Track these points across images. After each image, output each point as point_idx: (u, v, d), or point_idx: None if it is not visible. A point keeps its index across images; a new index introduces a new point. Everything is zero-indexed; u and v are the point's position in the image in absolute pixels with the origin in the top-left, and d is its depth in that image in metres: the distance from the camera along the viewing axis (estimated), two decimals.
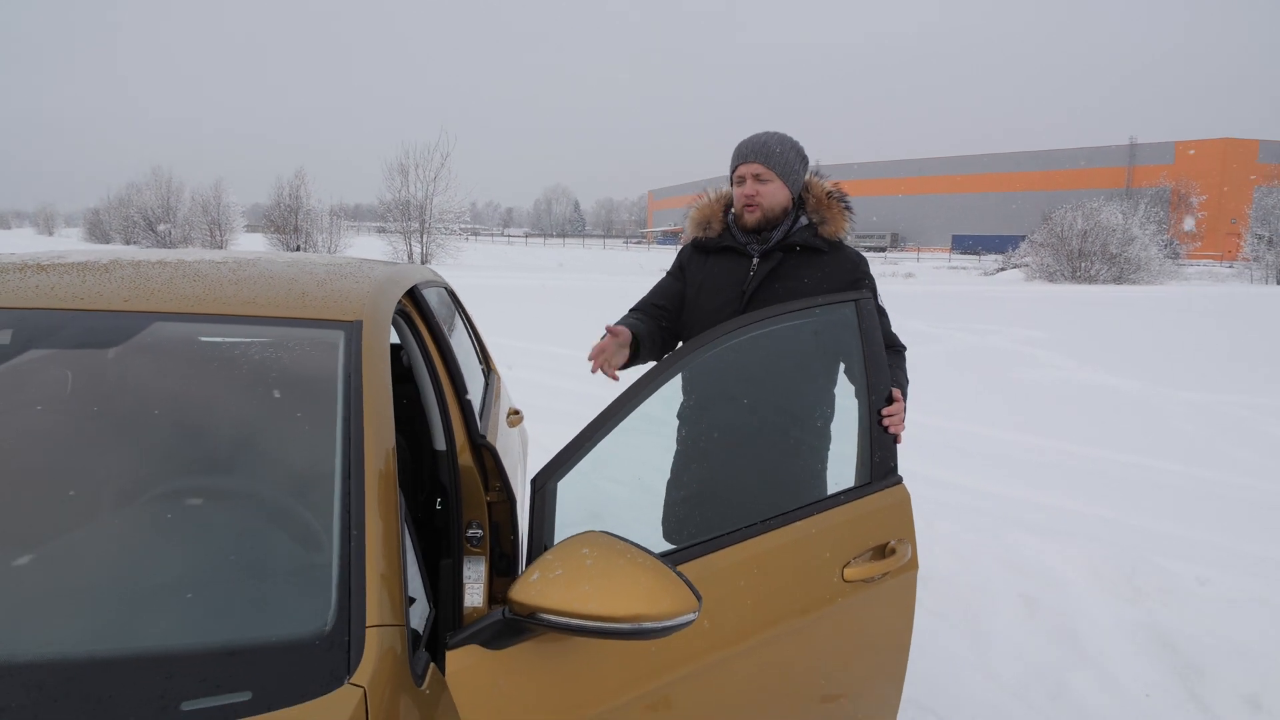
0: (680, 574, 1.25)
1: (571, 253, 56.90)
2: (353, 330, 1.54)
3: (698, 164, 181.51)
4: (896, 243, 75.31)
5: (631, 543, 1.29)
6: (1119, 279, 31.10)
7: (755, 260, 2.36)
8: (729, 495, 2.05)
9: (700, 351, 1.76)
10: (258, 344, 1.58)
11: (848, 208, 2.42)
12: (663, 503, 2.33)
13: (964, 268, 44.24)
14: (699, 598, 1.23)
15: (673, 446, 2.32)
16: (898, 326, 2.44)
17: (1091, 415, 7.21)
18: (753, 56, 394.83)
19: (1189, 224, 51.20)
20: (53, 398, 1.56)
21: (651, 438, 2.07)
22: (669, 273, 2.55)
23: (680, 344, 2.43)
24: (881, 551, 1.84)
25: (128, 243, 42.95)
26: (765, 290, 2.32)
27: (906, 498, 1.92)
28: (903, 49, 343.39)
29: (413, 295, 2.04)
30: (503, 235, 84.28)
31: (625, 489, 2.18)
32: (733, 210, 2.41)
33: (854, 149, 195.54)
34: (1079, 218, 31.80)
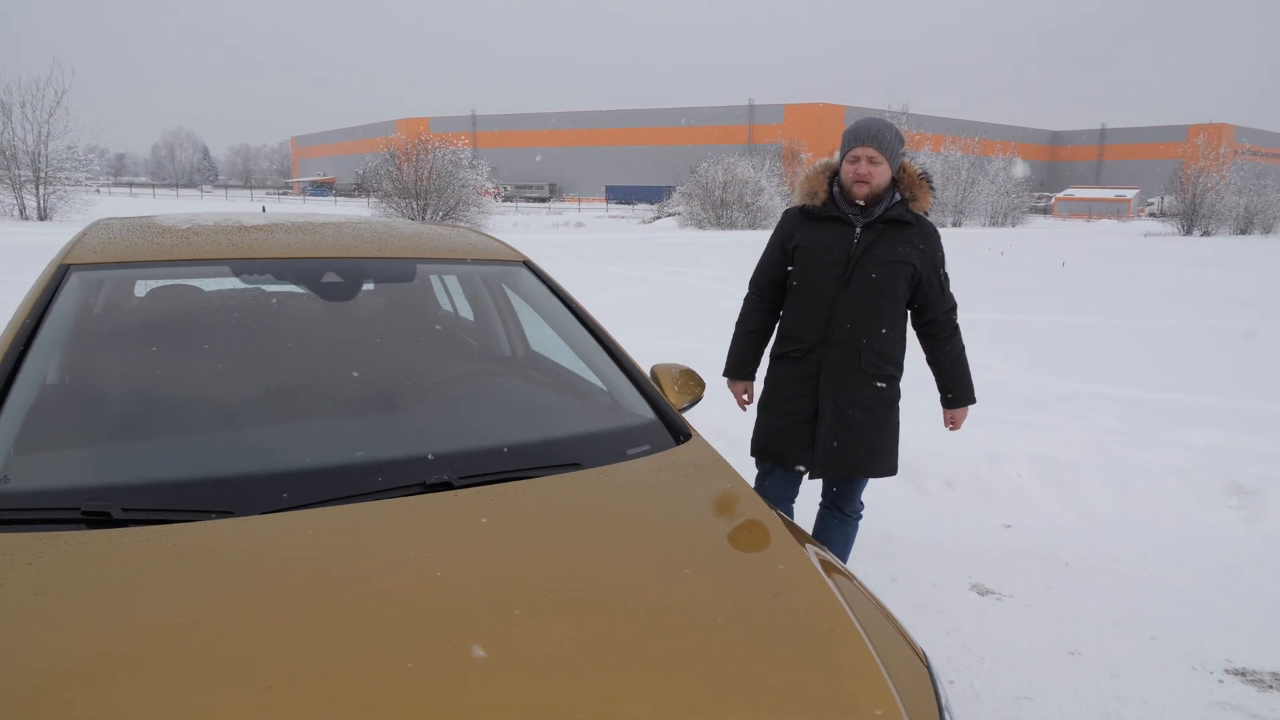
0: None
1: (215, 204, 51.67)
2: (530, 265, 2.45)
3: (346, 112, 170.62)
4: (555, 193, 78.25)
5: (673, 364, 2.40)
6: (753, 225, 36.03)
7: (859, 230, 2.63)
8: None
9: None
10: (486, 274, 2.46)
11: (933, 187, 2.69)
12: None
13: (622, 216, 47.76)
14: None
15: None
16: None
17: None
18: (402, 5, 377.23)
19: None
20: (407, 312, 2.29)
21: None
22: (776, 245, 2.84)
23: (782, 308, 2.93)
24: None
25: None
26: (867, 256, 2.62)
27: None
28: (562, 4, 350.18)
29: None
30: (123, 185, 73.18)
31: None
32: (839, 183, 2.66)
33: (509, 100, 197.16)
34: (720, 171, 36.04)
